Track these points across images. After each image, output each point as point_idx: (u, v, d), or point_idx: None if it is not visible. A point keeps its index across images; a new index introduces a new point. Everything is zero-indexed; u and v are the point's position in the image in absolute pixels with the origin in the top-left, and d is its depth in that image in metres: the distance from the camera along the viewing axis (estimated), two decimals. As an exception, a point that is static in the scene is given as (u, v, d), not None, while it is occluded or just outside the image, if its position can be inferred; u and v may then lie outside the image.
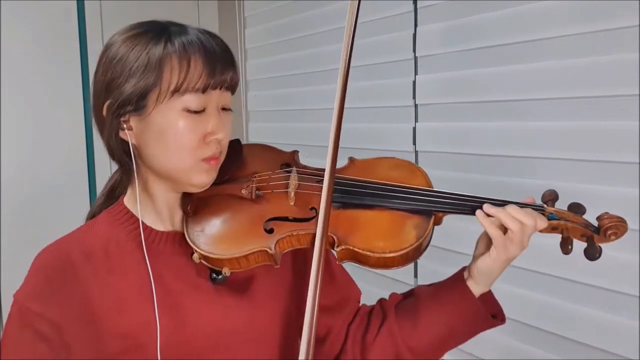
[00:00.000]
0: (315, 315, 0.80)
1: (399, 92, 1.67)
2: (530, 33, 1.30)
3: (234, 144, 0.94)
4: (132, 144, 0.86)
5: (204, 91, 0.82)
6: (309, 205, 0.88)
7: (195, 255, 0.86)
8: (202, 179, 0.86)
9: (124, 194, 0.94)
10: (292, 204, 0.89)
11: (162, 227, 0.91)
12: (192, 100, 0.82)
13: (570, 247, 0.86)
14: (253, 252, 0.85)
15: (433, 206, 0.87)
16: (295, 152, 0.99)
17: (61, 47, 2.26)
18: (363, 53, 1.78)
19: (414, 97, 1.62)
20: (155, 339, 0.84)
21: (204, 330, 0.87)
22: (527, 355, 1.35)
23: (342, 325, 1.00)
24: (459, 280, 0.92)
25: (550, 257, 1.22)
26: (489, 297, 0.93)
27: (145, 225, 0.91)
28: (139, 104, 0.82)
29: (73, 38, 2.29)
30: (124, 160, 0.88)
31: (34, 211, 2.19)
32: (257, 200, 0.90)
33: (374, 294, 1.03)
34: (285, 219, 0.88)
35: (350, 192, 0.89)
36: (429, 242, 0.88)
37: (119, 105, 0.83)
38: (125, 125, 0.84)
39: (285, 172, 0.93)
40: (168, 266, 0.89)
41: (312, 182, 0.91)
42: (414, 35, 1.60)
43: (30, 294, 0.86)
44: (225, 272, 0.86)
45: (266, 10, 2.28)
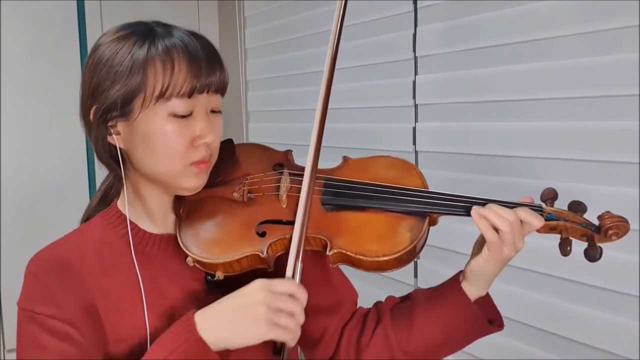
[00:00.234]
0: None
1: (399, 92, 1.67)
2: (530, 33, 1.30)
3: (227, 144, 0.93)
4: (120, 149, 0.85)
5: (190, 95, 0.81)
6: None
7: (189, 259, 0.85)
8: (192, 183, 0.85)
9: (117, 197, 0.94)
10: (284, 206, 0.88)
11: (155, 229, 0.91)
12: (178, 105, 0.80)
13: (569, 248, 0.83)
14: (245, 256, 0.84)
15: (427, 208, 0.85)
16: (289, 152, 0.98)
17: (61, 47, 2.26)
18: (363, 53, 1.79)
19: (414, 97, 1.62)
20: (150, 342, 0.83)
21: None
22: (527, 355, 1.35)
23: (337, 326, 0.98)
24: (454, 282, 0.91)
25: (550, 257, 1.21)
26: (486, 301, 0.91)
27: (139, 229, 0.90)
28: (124, 109, 0.81)
29: (73, 38, 2.29)
30: (112, 164, 0.88)
31: (34, 211, 2.19)
32: (249, 203, 0.89)
33: (373, 294, 1.03)
34: (277, 221, 0.86)
35: (342, 194, 0.88)
36: (424, 244, 0.86)
37: (104, 111, 0.82)
38: (112, 130, 0.83)
39: (277, 174, 0.92)
40: (162, 270, 0.88)
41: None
42: (414, 35, 1.60)
43: (37, 300, 0.84)
44: (219, 276, 0.85)
45: (266, 10, 2.28)
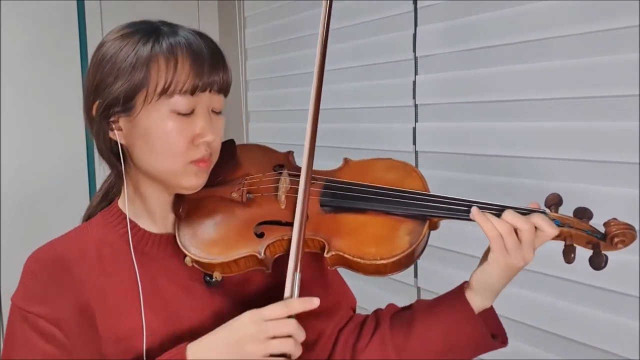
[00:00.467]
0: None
1: (399, 92, 1.67)
2: (530, 33, 1.30)
3: (228, 145, 0.93)
4: (121, 145, 0.85)
5: (192, 93, 0.81)
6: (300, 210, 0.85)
7: (188, 258, 0.85)
8: (192, 182, 0.85)
9: (118, 196, 0.94)
10: (283, 207, 0.87)
11: (155, 229, 0.91)
12: (180, 102, 0.81)
13: (573, 255, 0.80)
14: (243, 257, 0.83)
15: (427, 211, 0.84)
16: (290, 153, 0.98)
17: (61, 47, 2.26)
18: (363, 53, 1.79)
19: (414, 97, 1.62)
20: (148, 343, 0.83)
21: (197, 335, 0.85)
22: (527, 355, 1.35)
23: (333, 330, 0.97)
24: (457, 291, 0.89)
25: (550, 257, 1.21)
26: (490, 315, 0.89)
27: (139, 228, 0.90)
28: (126, 104, 0.82)
29: (73, 38, 2.29)
30: (112, 160, 0.88)
31: (34, 211, 2.19)
32: (248, 203, 0.88)
33: (373, 294, 1.03)
34: (275, 222, 0.86)
35: (341, 196, 0.87)
36: (424, 248, 0.85)
37: (107, 106, 0.82)
38: (114, 126, 0.84)
39: (276, 174, 0.92)
40: (162, 269, 0.88)
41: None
42: (414, 35, 1.60)
43: (28, 298, 0.86)
44: (217, 276, 0.85)
45: (266, 10, 2.28)
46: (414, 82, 1.61)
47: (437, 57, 1.55)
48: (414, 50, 1.61)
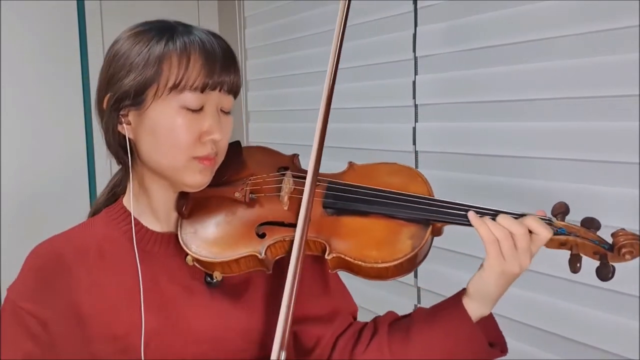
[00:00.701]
0: (289, 326, 0.79)
1: (399, 92, 1.67)
2: (530, 33, 1.30)
3: (234, 146, 0.94)
4: (129, 139, 0.85)
5: (202, 90, 0.82)
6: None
7: (189, 257, 0.85)
8: (196, 179, 0.85)
9: (124, 194, 0.94)
10: (285, 208, 0.87)
11: (158, 227, 0.91)
12: (190, 98, 0.82)
13: (578, 265, 0.79)
14: (243, 257, 0.83)
15: (430, 215, 0.83)
16: (296, 156, 0.98)
17: (61, 47, 2.26)
18: (363, 53, 1.79)
19: (414, 97, 1.62)
20: (145, 342, 0.83)
21: (195, 335, 0.87)
22: (527, 355, 1.35)
23: (332, 337, 0.96)
24: (455, 298, 0.88)
25: (550, 257, 1.21)
26: (489, 324, 0.88)
27: (142, 225, 0.90)
28: (137, 98, 0.82)
29: (73, 38, 2.29)
30: (120, 154, 0.88)
31: (34, 211, 2.19)
32: (251, 203, 0.88)
33: (373, 294, 1.03)
34: (277, 223, 0.86)
35: (344, 198, 0.87)
36: (427, 254, 0.85)
37: (117, 99, 0.83)
38: (123, 120, 0.84)
39: (279, 175, 0.92)
40: (163, 268, 0.89)
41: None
42: (414, 35, 1.60)
43: (22, 292, 0.88)
44: (217, 276, 0.85)
45: (266, 10, 2.28)
46: (414, 82, 1.61)
47: (437, 57, 1.55)
48: (414, 50, 1.61)
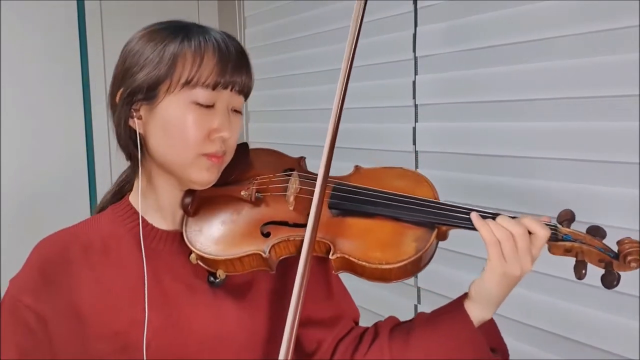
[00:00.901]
0: (296, 324, 0.78)
1: (399, 92, 1.67)
2: (530, 33, 1.30)
3: (241, 147, 0.94)
4: (139, 134, 0.86)
5: (214, 88, 0.83)
6: (308, 211, 0.85)
7: (192, 255, 0.86)
8: (203, 177, 0.86)
9: (130, 191, 0.95)
10: (291, 208, 0.88)
11: (164, 225, 0.92)
12: (201, 94, 0.83)
13: (584, 271, 0.79)
14: (247, 255, 0.84)
15: (435, 218, 0.83)
16: (302, 159, 0.99)
17: (61, 47, 2.26)
18: (363, 53, 1.78)
19: (414, 97, 1.62)
20: (146, 340, 0.84)
21: (197, 334, 0.87)
22: (528, 355, 1.35)
23: (333, 341, 0.97)
24: (457, 301, 0.88)
25: (550, 256, 1.21)
26: (491, 329, 0.88)
27: (147, 223, 0.91)
28: (150, 93, 0.84)
29: (73, 38, 2.29)
30: (130, 148, 0.88)
31: (34, 211, 2.19)
32: (257, 202, 0.89)
33: (373, 294, 1.03)
34: (282, 223, 0.86)
35: (350, 199, 0.87)
36: (431, 257, 0.85)
37: (130, 93, 0.85)
38: (135, 114, 0.85)
39: (285, 175, 0.92)
40: (167, 266, 0.89)
41: (313, 187, 0.88)
42: (414, 35, 1.60)
43: (23, 286, 0.88)
44: (220, 274, 0.85)
45: (266, 10, 2.28)
46: (414, 82, 1.61)
47: (437, 57, 1.55)
48: (414, 50, 1.61)
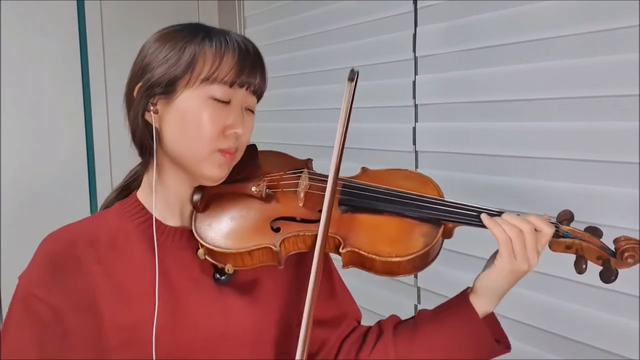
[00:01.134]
0: (310, 321, 0.79)
1: (399, 92, 1.67)
2: (530, 33, 1.30)
3: (250, 148, 0.96)
4: (155, 128, 0.87)
5: (231, 85, 0.85)
6: (318, 207, 0.88)
7: (201, 250, 0.87)
8: (215, 172, 0.87)
9: (137, 189, 0.95)
10: (300, 205, 0.90)
11: (171, 221, 0.92)
12: (218, 90, 0.85)
13: (584, 266, 0.83)
14: (258, 249, 0.85)
15: (442, 215, 0.86)
16: (309, 160, 1.01)
17: (61, 47, 2.26)
18: (363, 53, 1.79)
19: (414, 97, 1.62)
20: (151, 333, 0.84)
21: (202, 330, 0.87)
22: (527, 355, 1.35)
23: (337, 340, 0.98)
24: (461, 296, 0.91)
25: (550, 256, 1.21)
26: (493, 321, 0.90)
27: (155, 219, 0.91)
28: (168, 87, 0.85)
29: (73, 38, 2.29)
30: (145, 140, 0.89)
31: (34, 211, 2.19)
32: (267, 199, 0.91)
33: (374, 294, 1.03)
34: (292, 219, 0.88)
35: (359, 196, 0.90)
36: (438, 253, 0.87)
37: (149, 87, 0.86)
38: (152, 108, 0.86)
39: (296, 173, 0.95)
40: (173, 262, 0.89)
41: (322, 184, 0.91)
42: (414, 35, 1.60)
43: (34, 280, 0.86)
44: (229, 269, 0.86)
45: (266, 10, 2.28)
46: (414, 82, 1.61)
47: (437, 57, 1.55)
48: (414, 50, 1.61)
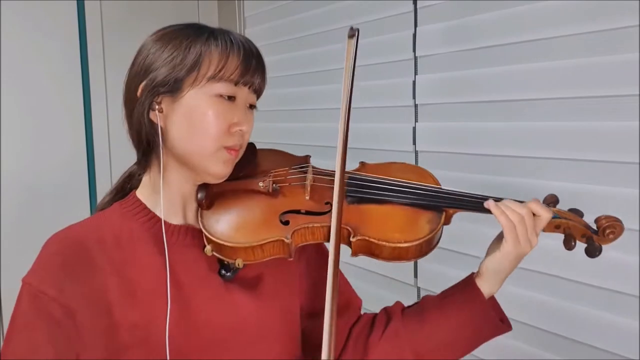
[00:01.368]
0: (334, 314, 0.79)
1: (399, 92, 1.67)
2: (530, 33, 1.30)
3: (249, 147, 0.97)
4: (160, 127, 0.87)
5: (236, 84, 0.87)
6: (324, 200, 0.91)
7: (208, 247, 0.88)
8: (220, 169, 0.88)
9: (135, 189, 0.95)
10: (307, 198, 0.92)
11: (174, 220, 0.92)
12: (224, 87, 0.86)
13: (573, 243, 0.88)
14: (269, 242, 0.86)
15: (444, 202, 0.91)
16: (308, 157, 1.02)
17: (61, 47, 2.26)
18: (363, 53, 1.78)
19: (414, 97, 1.62)
20: (162, 332, 0.84)
21: (210, 326, 0.87)
22: (527, 355, 1.35)
23: (345, 327, 1.00)
24: (467, 280, 0.94)
25: (550, 256, 1.21)
26: (493, 303, 0.94)
27: (158, 218, 0.91)
28: (174, 85, 0.85)
29: (73, 38, 2.29)
30: (149, 140, 0.88)
31: (34, 211, 2.19)
32: (274, 193, 0.92)
33: (374, 294, 1.04)
34: (300, 212, 0.90)
35: (365, 187, 0.92)
36: (439, 239, 0.91)
37: (154, 86, 0.86)
38: (157, 107, 0.86)
39: (301, 169, 0.97)
40: (180, 260, 0.89)
41: (326, 177, 0.95)
42: (414, 35, 1.60)
43: (45, 278, 0.84)
44: (239, 263, 0.86)
45: (266, 10, 2.29)
46: (414, 82, 1.61)
47: (437, 57, 1.56)
48: (414, 50, 1.61)
